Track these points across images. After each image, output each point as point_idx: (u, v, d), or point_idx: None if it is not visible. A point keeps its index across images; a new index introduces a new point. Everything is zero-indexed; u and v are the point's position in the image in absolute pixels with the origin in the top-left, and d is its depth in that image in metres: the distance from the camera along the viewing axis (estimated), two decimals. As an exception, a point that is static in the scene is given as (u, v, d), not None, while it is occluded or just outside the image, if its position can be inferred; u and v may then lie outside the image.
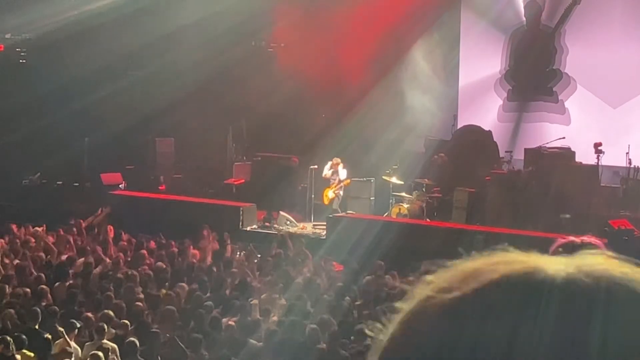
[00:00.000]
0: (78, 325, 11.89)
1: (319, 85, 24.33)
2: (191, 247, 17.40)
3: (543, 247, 1.06)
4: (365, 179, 22.44)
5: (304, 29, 24.61)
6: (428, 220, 20.70)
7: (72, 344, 11.60)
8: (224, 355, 11.47)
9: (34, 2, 24.51)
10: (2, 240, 17.37)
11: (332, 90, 24.24)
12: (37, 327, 12.06)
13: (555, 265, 0.97)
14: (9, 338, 11.01)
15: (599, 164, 20.41)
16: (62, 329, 11.77)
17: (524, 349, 0.91)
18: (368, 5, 24.13)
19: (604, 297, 0.93)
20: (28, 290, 14.00)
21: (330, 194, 22.20)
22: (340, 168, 22.13)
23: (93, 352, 11.03)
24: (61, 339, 11.62)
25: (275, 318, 12.91)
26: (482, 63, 24.46)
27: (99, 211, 20.27)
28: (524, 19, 24.11)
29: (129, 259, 16.79)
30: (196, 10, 24.14)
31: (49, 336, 11.54)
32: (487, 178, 21.00)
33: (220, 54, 24.32)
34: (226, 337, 12.02)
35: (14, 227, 18.53)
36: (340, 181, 22.15)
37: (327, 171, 22.24)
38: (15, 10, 24.95)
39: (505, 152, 22.69)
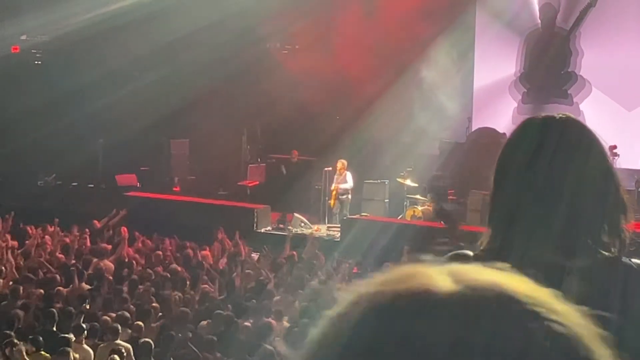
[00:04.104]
0: (85, 327, 11.90)
1: (333, 87, 24.34)
2: (207, 248, 17.44)
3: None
4: (379, 181, 22.43)
5: (317, 31, 24.62)
6: (442, 222, 20.67)
7: (84, 346, 11.62)
8: (238, 357, 11.49)
9: (49, 4, 24.59)
10: (16, 242, 17.43)
11: (347, 93, 24.24)
12: (54, 328, 12.10)
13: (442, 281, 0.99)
14: (16, 340, 11.04)
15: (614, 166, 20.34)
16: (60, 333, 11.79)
17: None
18: (382, 7, 24.12)
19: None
20: (42, 291, 14.06)
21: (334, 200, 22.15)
22: (347, 174, 21.99)
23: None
24: (73, 341, 11.64)
25: (288, 321, 12.91)
26: (497, 65, 24.42)
27: (114, 212, 20.30)
28: (539, 21, 24.07)
29: (144, 260, 16.83)
30: (210, 13, 24.16)
31: (66, 337, 11.55)
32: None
33: (234, 56, 24.35)
34: (240, 339, 12.03)
35: (29, 228, 18.59)
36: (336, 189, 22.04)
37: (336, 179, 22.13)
38: (31, 12, 25.04)
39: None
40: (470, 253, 2.72)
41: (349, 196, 22.03)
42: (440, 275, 0.99)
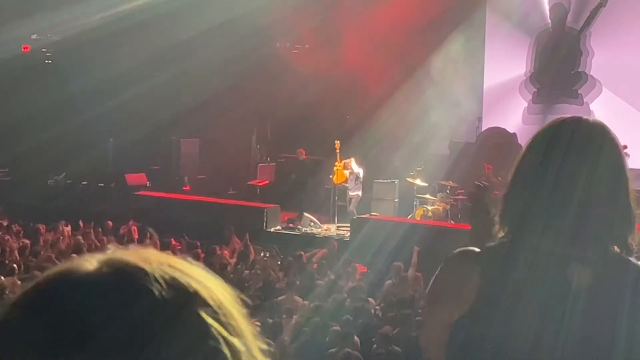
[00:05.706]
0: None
1: (343, 87, 24.34)
2: (216, 248, 17.44)
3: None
4: (389, 180, 22.43)
5: (327, 31, 24.63)
6: (452, 222, 20.66)
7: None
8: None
9: (60, 4, 24.65)
10: (28, 240, 17.46)
11: (357, 92, 24.25)
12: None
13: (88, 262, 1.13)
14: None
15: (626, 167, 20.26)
16: None
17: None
18: (392, 7, 24.10)
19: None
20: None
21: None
22: (354, 165, 22.14)
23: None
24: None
25: (297, 320, 12.91)
26: (507, 65, 24.39)
27: (130, 223, 20.23)
28: (550, 21, 24.03)
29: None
30: (221, 13, 24.18)
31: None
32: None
33: (244, 55, 24.36)
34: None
35: (41, 227, 18.62)
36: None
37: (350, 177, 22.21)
38: (42, 11, 25.10)
39: (530, 154, 22.58)
40: (477, 249, 2.78)
41: (359, 191, 22.01)
42: (87, 259, 1.14)
